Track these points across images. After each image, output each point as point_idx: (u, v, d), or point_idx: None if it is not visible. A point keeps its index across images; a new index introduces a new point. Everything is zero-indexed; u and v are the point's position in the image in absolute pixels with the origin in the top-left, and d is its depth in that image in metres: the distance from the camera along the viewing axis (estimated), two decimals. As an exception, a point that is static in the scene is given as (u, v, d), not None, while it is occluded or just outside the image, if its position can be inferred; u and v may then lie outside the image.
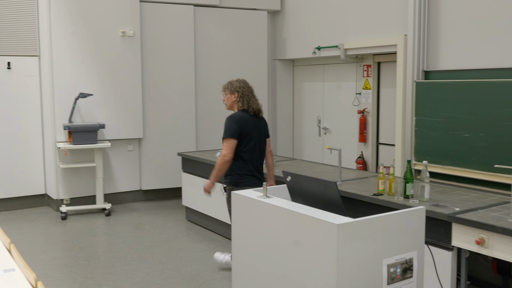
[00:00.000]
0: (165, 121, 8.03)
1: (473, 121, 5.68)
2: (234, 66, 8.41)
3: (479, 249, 3.45)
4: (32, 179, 7.61)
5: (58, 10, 7.14)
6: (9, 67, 7.28)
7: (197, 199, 6.60)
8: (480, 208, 3.77)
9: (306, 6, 8.42)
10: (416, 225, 2.85)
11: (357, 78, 7.88)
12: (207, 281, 4.88)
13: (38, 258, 5.53)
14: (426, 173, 3.99)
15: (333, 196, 2.92)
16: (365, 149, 7.74)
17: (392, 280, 2.70)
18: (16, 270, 2.46)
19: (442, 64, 6.27)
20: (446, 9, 6.21)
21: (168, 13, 7.95)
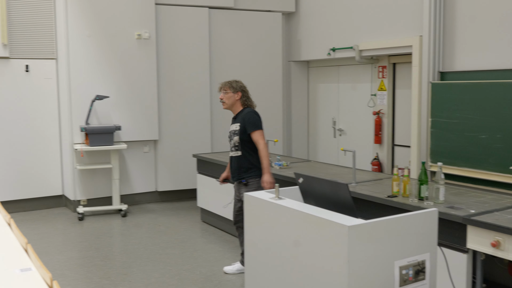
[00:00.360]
0: (180, 122, 8.08)
1: (490, 122, 5.63)
2: (248, 68, 8.44)
3: (495, 252, 3.42)
4: (50, 180, 7.70)
5: (74, 13, 7.23)
6: (27, 70, 7.38)
7: (212, 201, 6.63)
8: (496, 210, 3.73)
9: (321, 7, 8.40)
10: (429, 227, 2.84)
11: (372, 79, 7.85)
12: (221, 282, 4.90)
13: (55, 258, 5.59)
14: (441, 174, 3.96)
15: (344, 197, 2.92)
16: (381, 151, 7.71)
17: (404, 282, 2.70)
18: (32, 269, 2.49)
19: (458, 65, 6.23)
20: (462, 10, 6.16)
21: (183, 15, 7.99)
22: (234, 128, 4.88)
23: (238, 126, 4.85)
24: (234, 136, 4.86)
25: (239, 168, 4.89)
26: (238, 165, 4.89)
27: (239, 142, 4.85)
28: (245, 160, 4.86)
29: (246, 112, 4.86)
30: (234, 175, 4.97)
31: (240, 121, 4.85)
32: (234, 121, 4.96)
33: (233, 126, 4.93)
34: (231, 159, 4.97)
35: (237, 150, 4.88)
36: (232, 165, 4.97)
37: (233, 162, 4.94)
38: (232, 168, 4.98)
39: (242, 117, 4.85)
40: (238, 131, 4.83)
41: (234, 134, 4.87)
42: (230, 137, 4.94)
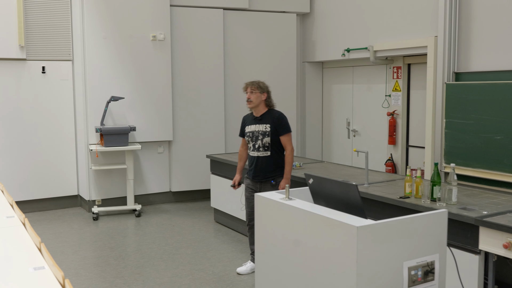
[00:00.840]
0: (194, 123, 8.12)
1: (505, 123, 5.58)
2: (263, 69, 8.45)
3: (507, 253, 3.41)
4: (65, 181, 7.78)
5: (90, 16, 7.31)
6: (43, 71, 7.47)
7: (225, 201, 6.65)
8: (509, 212, 3.72)
9: (335, 8, 8.39)
10: (438, 228, 2.83)
11: (387, 80, 7.81)
12: (234, 282, 4.92)
13: (70, 257, 5.66)
14: (454, 176, 3.95)
15: (354, 198, 2.91)
16: (395, 152, 7.67)
17: (413, 283, 2.69)
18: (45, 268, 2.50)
19: (473, 66, 6.18)
20: (477, 10, 6.11)
21: (198, 17, 8.03)
22: (263, 129, 4.95)
23: (268, 127, 4.94)
24: (265, 137, 4.93)
25: (266, 167, 4.97)
26: (266, 164, 4.97)
27: (269, 143, 4.94)
28: (274, 161, 4.98)
29: (277, 115, 5.00)
30: (258, 175, 5.01)
31: (269, 122, 4.95)
32: (258, 121, 5.01)
33: (258, 126, 4.99)
34: (257, 159, 5.00)
35: (266, 151, 4.96)
36: (257, 165, 5.00)
37: (260, 162, 4.99)
38: (256, 167, 5.01)
39: (273, 119, 4.96)
40: (269, 132, 4.93)
41: (264, 134, 4.94)
42: (256, 137, 4.97)
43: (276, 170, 5.00)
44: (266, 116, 5.00)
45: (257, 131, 4.97)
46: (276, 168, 5.00)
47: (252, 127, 5.02)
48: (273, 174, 4.99)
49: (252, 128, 5.02)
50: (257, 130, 4.98)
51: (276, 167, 4.99)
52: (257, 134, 4.97)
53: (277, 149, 4.98)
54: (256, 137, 4.97)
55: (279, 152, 5.00)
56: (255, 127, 5.00)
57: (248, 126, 5.06)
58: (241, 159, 5.28)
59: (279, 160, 5.00)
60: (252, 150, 5.03)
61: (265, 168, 4.97)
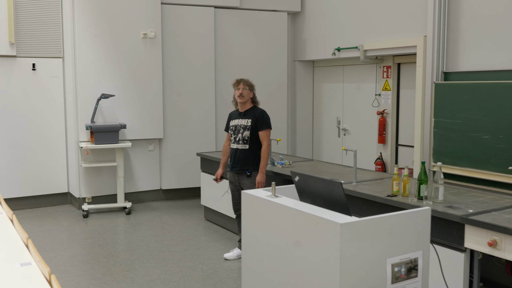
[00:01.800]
0: (185, 121, 8.13)
1: (493, 123, 5.63)
2: (254, 67, 8.47)
3: (492, 251, 3.44)
4: (55, 178, 7.77)
5: (81, 13, 7.30)
6: (34, 68, 7.46)
7: (215, 199, 6.67)
8: (494, 210, 3.75)
9: (326, 7, 8.42)
10: (422, 225, 2.86)
11: (377, 79, 7.85)
12: (222, 280, 4.93)
13: (59, 254, 5.65)
14: (441, 174, 3.99)
15: (338, 196, 2.94)
16: (384, 151, 7.72)
17: (397, 280, 2.72)
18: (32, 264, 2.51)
19: (462, 66, 6.23)
20: (466, 11, 6.16)
21: (189, 15, 8.04)
22: (245, 123, 5.30)
23: (249, 122, 5.29)
24: (245, 131, 5.27)
25: (244, 160, 5.30)
26: (244, 157, 5.31)
27: (248, 137, 5.28)
28: (251, 154, 5.31)
29: (260, 112, 5.33)
30: (236, 166, 5.35)
31: (251, 117, 5.30)
32: (242, 116, 5.35)
33: (241, 121, 5.34)
34: (236, 151, 5.35)
35: (245, 144, 5.30)
36: (236, 156, 5.35)
37: (238, 154, 5.33)
38: (235, 159, 5.36)
39: (255, 115, 5.30)
40: (250, 126, 5.27)
41: (245, 128, 5.28)
42: (238, 130, 5.32)
43: (253, 164, 5.31)
44: (249, 111, 5.35)
45: (239, 125, 5.33)
46: (253, 162, 5.31)
47: (236, 121, 5.38)
48: (250, 166, 5.30)
49: (235, 122, 5.38)
50: (239, 124, 5.33)
51: (254, 160, 5.31)
52: (239, 128, 5.32)
53: (256, 144, 5.31)
54: (238, 130, 5.33)
55: (257, 147, 5.32)
56: (238, 121, 5.36)
57: (233, 120, 5.42)
58: (225, 154, 5.60)
59: (257, 155, 5.31)
60: (233, 143, 5.39)
61: (243, 160, 5.30)
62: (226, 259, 5.48)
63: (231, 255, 5.50)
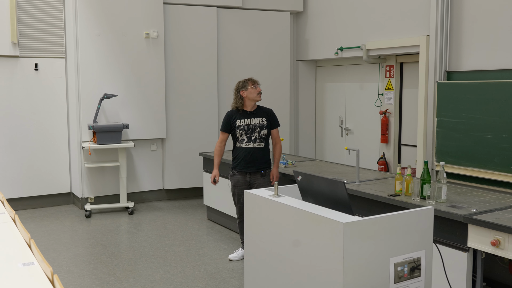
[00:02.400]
0: (188, 121, 8.13)
1: (496, 122, 5.62)
2: (256, 67, 8.46)
3: (495, 251, 3.44)
4: (58, 178, 7.78)
5: (84, 13, 7.30)
6: (36, 68, 7.47)
7: (218, 199, 6.68)
8: (497, 210, 3.75)
9: (329, 7, 8.41)
10: (425, 224, 2.86)
11: (380, 79, 7.84)
12: (225, 279, 4.93)
13: (62, 254, 5.66)
14: (443, 174, 3.98)
15: (341, 195, 2.94)
16: (387, 150, 7.71)
17: (400, 279, 2.72)
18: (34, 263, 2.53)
19: (465, 65, 6.21)
20: (469, 10, 6.14)
21: (191, 15, 8.04)
22: (260, 122, 5.27)
23: (264, 121, 5.28)
24: (262, 130, 5.26)
25: (261, 158, 5.30)
26: (262, 155, 5.30)
27: (265, 135, 5.29)
28: (267, 152, 5.36)
29: (270, 110, 5.40)
30: (252, 165, 5.28)
31: (264, 116, 5.30)
32: (253, 115, 5.29)
33: (255, 120, 5.27)
34: (252, 150, 5.25)
35: (261, 142, 5.29)
36: (252, 156, 5.26)
37: (256, 153, 5.27)
38: (251, 158, 5.26)
39: (267, 114, 5.34)
40: (266, 125, 5.28)
41: (262, 127, 5.26)
42: (252, 129, 5.24)
43: (268, 162, 5.37)
44: (259, 111, 5.33)
45: (254, 124, 5.25)
46: (268, 160, 5.37)
47: (247, 121, 5.26)
48: (264, 165, 5.32)
49: (247, 121, 5.26)
50: (253, 123, 5.25)
51: (268, 159, 5.38)
52: (254, 127, 5.24)
53: (268, 142, 5.38)
54: (252, 129, 5.24)
55: (267, 144, 5.38)
56: (251, 120, 5.26)
57: (240, 120, 5.27)
58: (219, 155, 5.48)
59: (268, 152, 5.39)
60: (247, 142, 5.25)
61: (260, 158, 5.27)
62: (231, 260, 5.46)
63: (236, 256, 5.49)
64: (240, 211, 5.34)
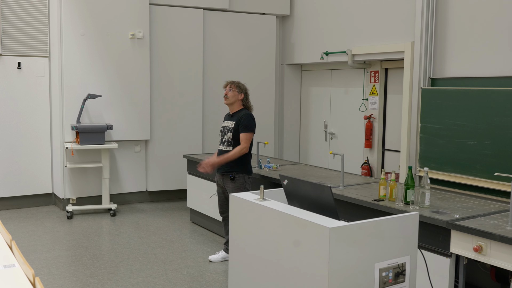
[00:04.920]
0: (172, 123, 8.10)
1: (478, 129, 5.68)
2: (242, 70, 8.46)
3: (477, 256, 3.46)
4: (40, 178, 7.70)
5: (68, 12, 7.24)
6: (19, 67, 7.38)
7: (201, 201, 6.65)
8: (479, 216, 3.77)
9: (315, 11, 8.45)
10: (410, 230, 2.88)
11: (365, 84, 7.89)
12: (208, 282, 4.91)
13: (42, 256, 5.60)
14: (427, 179, 4.00)
15: (327, 200, 2.94)
16: (371, 155, 7.75)
17: (384, 284, 2.73)
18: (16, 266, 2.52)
19: (449, 72, 6.28)
20: (454, 17, 6.21)
21: (178, 16, 8.01)
22: (229, 125, 5.28)
23: (233, 124, 5.25)
24: (228, 133, 5.25)
25: (230, 162, 5.22)
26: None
27: (231, 139, 5.23)
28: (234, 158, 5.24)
29: (243, 114, 5.26)
30: (221, 168, 5.31)
31: (236, 120, 5.25)
32: (229, 118, 5.35)
33: (228, 122, 5.33)
34: (221, 153, 5.30)
35: (229, 146, 5.26)
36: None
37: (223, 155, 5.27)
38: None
39: (239, 117, 5.24)
40: (233, 128, 5.23)
41: (228, 130, 5.26)
42: (224, 132, 5.32)
43: (237, 167, 5.23)
44: (236, 114, 5.33)
45: (226, 127, 5.32)
46: (237, 165, 5.23)
47: (225, 123, 5.39)
48: (233, 169, 5.23)
49: (224, 123, 5.40)
50: (226, 126, 5.33)
51: (237, 163, 5.22)
52: (226, 130, 5.31)
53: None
54: (224, 132, 5.33)
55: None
56: (226, 123, 5.37)
57: (223, 122, 5.44)
58: None
59: (241, 157, 5.23)
60: (219, 144, 5.38)
61: (227, 163, 5.22)
62: (211, 261, 5.48)
63: (216, 257, 5.51)
64: (219, 209, 5.53)
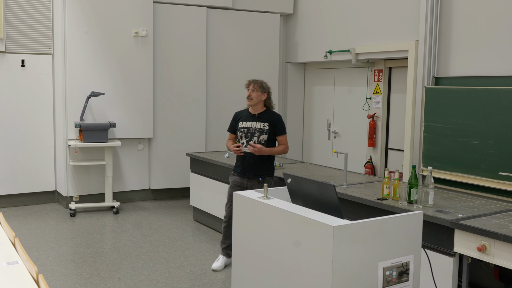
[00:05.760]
0: (175, 121, 8.12)
1: (482, 128, 5.68)
2: (245, 68, 8.48)
3: (481, 256, 3.46)
4: (43, 176, 7.72)
5: (72, 9, 7.26)
6: (23, 64, 7.40)
7: (204, 200, 6.68)
8: (483, 215, 3.78)
9: (319, 10, 8.46)
10: (414, 229, 2.88)
11: (368, 83, 7.90)
12: (211, 281, 4.93)
13: (46, 253, 5.62)
14: (431, 178, 4.01)
15: (331, 198, 2.95)
16: (374, 154, 7.76)
17: (388, 283, 2.74)
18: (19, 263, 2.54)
19: (453, 71, 6.28)
20: (458, 16, 6.21)
21: (181, 14, 8.03)
22: (261, 127, 5.04)
23: (266, 126, 5.04)
24: (262, 134, 5.02)
25: (258, 164, 5.04)
26: (259, 162, 5.04)
27: (265, 141, 5.03)
28: (266, 159, 5.09)
29: (276, 116, 5.13)
30: (249, 171, 5.06)
31: (268, 121, 5.05)
32: (255, 119, 5.09)
33: (255, 124, 5.07)
34: (249, 155, 5.03)
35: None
36: (248, 161, 5.05)
37: (253, 158, 5.04)
38: (248, 163, 5.06)
39: (271, 119, 5.08)
40: (268, 130, 5.03)
41: (262, 132, 5.03)
42: (251, 133, 5.04)
43: (268, 169, 5.12)
44: (264, 115, 5.10)
45: (254, 128, 5.05)
46: (268, 167, 5.11)
47: (248, 124, 5.09)
48: (262, 172, 5.06)
49: (248, 124, 5.09)
50: (253, 127, 5.06)
51: (269, 166, 5.11)
52: (254, 131, 5.04)
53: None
54: (252, 133, 5.04)
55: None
56: (252, 123, 5.08)
57: (243, 122, 5.12)
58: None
59: (271, 159, 5.14)
60: (246, 146, 5.06)
61: (258, 164, 5.04)
62: (215, 270, 5.19)
63: (219, 265, 5.22)
64: (228, 214, 5.13)
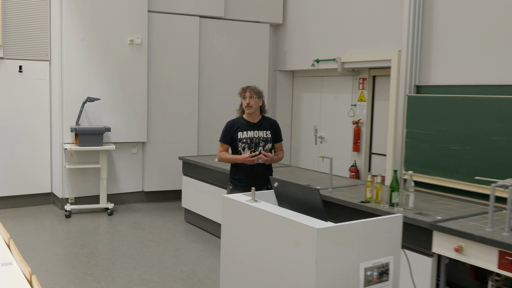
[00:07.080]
0: (168, 126, 8.24)
1: (461, 134, 5.83)
2: (236, 76, 8.62)
3: (458, 256, 3.57)
4: (39, 178, 7.80)
5: (69, 17, 7.35)
6: (20, 70, 7.49)
7: (196, 202, 6.79)
8: (460, 217, 3.88)
9: (307, 20, 8.60)
10: (394, 231, 2.97)
11: (353, 90, 8.06)
12: (201, 280, 5.02)
13: (41, 254, 5.67)
14: (411, 182, 4.12)
15: (316, 201, 3.04)
16: (358, 158, 7.95)
17: (369, 283, 2.82)
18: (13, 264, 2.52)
19: (433, 80, 6.43)
20: (438, 28, 6.37)
21: (175, 23, 8.16)
22: (264, 136, 4.77)
23: (269, 134, 4.78)
24: (267, 143, 4.76)
25: (265, 174, 4.73)
26: (266, 171, 4.79)
27: (270, 149, 4.81)
28: (270, 167, 4.89)
29: (274, 122, 4.89)
30: (258, 182, 4.69)
31: (269, 128, 4.80)
32: (256, 128, 4.77)
33: (258, 133, 4.76)
34: (256, 166, 4.73)
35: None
36: (257, 171, 4.74)
37: (261, 168, 4.75)
38: (256, 174, 4.74)
39: (272, 126, 4.83)
40: (271, 139, 4.79)
41: (266, 141, 4.76)
42: (257, 143, 4.74)
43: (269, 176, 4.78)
44: (263, 122, 4.82)
45: (257, 137, 4.74)
46: (270, 174, 4.82)
47: (250, 133, 4.74)
48: (267, 180, 4.65)
49: (250, 134, 4.74)
50: (257, 137, 4.74)
51: (270, 173, 4.86)
52: (258, 141, 4.74)
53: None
54: (256, 143, 4.73)
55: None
56: (254, 133, 4.75)
57: (243, 132, 4.74)
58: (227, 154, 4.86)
59: (270, 167, 4.90)
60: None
61: (265, 174, 4.72)
62: None
63: None
64: None
